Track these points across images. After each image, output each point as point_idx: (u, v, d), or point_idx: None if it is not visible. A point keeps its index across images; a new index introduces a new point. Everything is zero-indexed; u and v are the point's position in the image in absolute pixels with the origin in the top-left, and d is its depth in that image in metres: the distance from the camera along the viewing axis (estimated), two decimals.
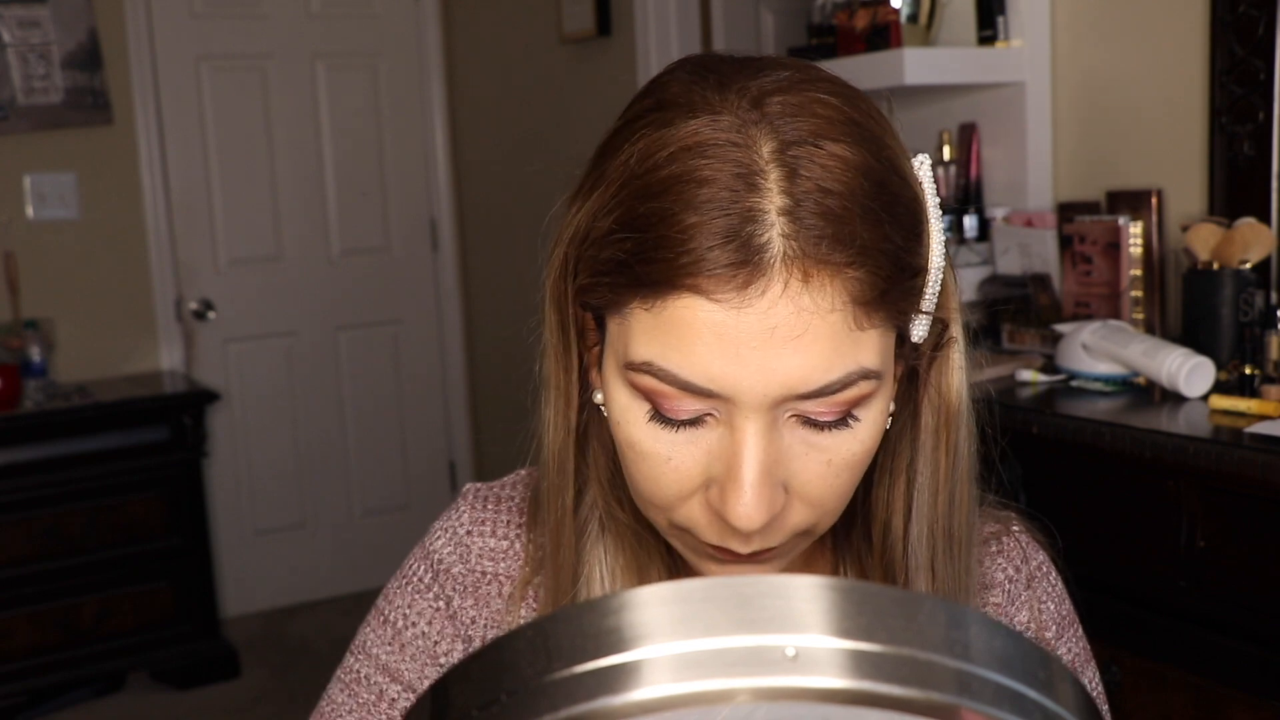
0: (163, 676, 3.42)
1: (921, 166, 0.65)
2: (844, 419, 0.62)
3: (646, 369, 0.61)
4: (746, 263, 0.57)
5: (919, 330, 0.65)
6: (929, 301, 0.64)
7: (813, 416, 0.61)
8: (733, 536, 0.63)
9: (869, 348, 0.60)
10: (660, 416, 0.62)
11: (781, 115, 0.60)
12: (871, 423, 0.63)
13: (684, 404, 0.61)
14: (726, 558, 0.64)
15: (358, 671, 0.80)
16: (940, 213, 0.65)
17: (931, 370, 0.69)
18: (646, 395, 0.62)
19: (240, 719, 3.27)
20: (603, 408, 0.68)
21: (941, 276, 0.64)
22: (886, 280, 0.59)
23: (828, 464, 0.62)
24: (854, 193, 0.58)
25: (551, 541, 0.73)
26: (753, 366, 0.58)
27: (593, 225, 0.63)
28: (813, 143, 0.59)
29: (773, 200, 0.58)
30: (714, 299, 0.58)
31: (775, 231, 0.57)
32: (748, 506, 0.60)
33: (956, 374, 0.69)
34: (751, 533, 0.61)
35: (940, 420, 0.69)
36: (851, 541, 0.74)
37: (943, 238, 0.64)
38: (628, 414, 0.63)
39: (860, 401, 0.61)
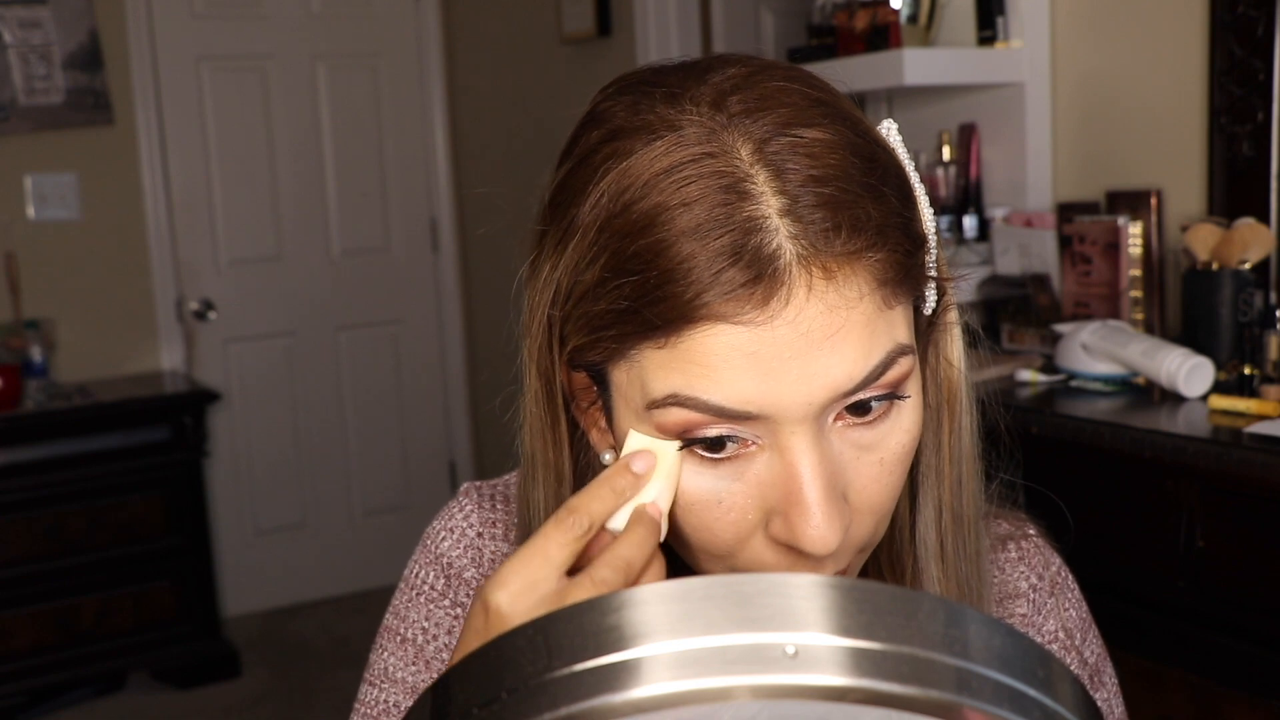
0: (163, 676, 3.42)
1: (890, 132, 0.62)
2: (890, 398, 0.58)
3: (672, 400, 0.56)
4: (762, 276, 0.53)
5: (930, 299, 0.62)
6: (932, 268, 0.61)
7: (860, 400, 0.57)
8: (805, 567, 0.58)
9: (900, 322, 0.57)
10: (696, 452, 0.57)
11: (747, 113, 0.56)
12: (914, 405, 0.59)
13: (721, 431, 0.56)
14: None
15: (385, 702, 0.73)
16: (919, 176, 0.62)
17: (931, 340, 0.65)
18: (677, 432, 0.57)
19: (240, 719, 3.27)
20: None
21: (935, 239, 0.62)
22: (906, 254, 0.56)
23: (880, 463, 0.58)
24: (848, 174, 0.55)
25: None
26: (791, 378, 0.54)
27: (575, 281, 0.58)
28: (789, 133, 0.55)
29: (769, 203, 0.54)
30: (737, 321, 0.53)
31: (782, 235, 0.53)
32: (820, 528, 0.55)
33: (957, 342, 0.65)
34: (826, 556, 0.57)
35: (943, 394, 0.65)
36: None
37: (926, 200, 0.61)
38: None
39: (902, 380, 0.58)
